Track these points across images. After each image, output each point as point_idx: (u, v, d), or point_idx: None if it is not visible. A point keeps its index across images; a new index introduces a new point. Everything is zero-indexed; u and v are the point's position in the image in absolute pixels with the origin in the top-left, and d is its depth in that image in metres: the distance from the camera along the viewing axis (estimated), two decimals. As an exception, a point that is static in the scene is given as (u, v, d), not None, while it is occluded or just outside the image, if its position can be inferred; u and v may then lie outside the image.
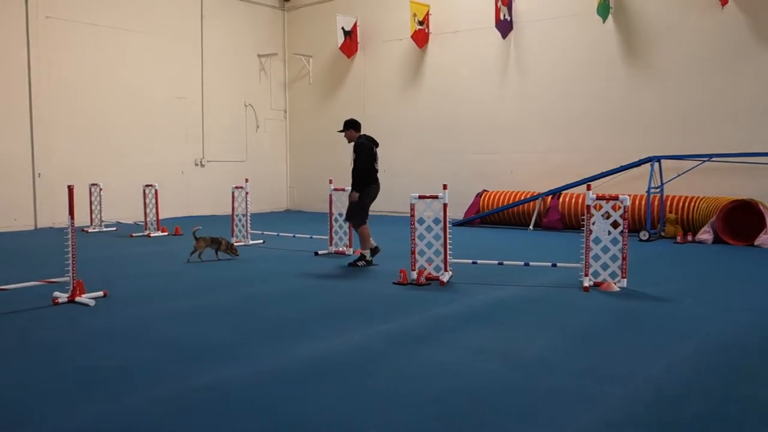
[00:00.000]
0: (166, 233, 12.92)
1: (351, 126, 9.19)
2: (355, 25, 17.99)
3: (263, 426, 3.53)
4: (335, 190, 10.32)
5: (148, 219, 12.93)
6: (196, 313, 6.23)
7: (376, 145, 9.15)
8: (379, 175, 9.17)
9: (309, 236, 11.40)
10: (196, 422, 3.57)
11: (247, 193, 11.28)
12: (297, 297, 7.02)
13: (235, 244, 10.05)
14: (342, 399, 3.93)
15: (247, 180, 11.54)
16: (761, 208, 11.10)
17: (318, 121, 19.28)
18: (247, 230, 11.29)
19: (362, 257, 9.03)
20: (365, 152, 8.92)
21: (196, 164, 17.57)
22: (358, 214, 9.05)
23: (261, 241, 11.49)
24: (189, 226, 14.26)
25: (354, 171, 8.97)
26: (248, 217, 11.31)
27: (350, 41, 17.98)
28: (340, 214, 10.01)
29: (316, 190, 18.45)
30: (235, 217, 11.45)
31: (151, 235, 12.69)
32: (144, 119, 16.21)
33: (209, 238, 9.54)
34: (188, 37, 17.22)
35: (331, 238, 10.25)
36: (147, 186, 13.02)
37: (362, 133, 9.23)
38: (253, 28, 18.85)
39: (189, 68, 17.28)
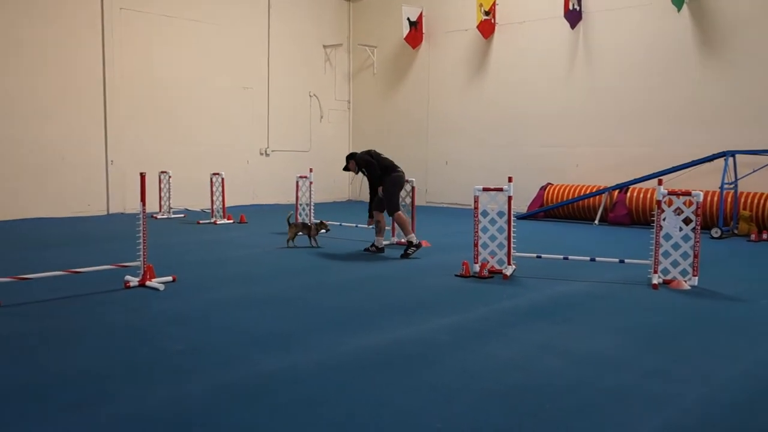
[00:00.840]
0: (231, 221, 13.17)
1: (349, 159, 9.67)
2: (420, 16, 17.91)
3: (325, 416, 3.56)
4: (398, 181, 10.28)
5: (214, 207, 13.21)
6: (260, 300, 6.33)
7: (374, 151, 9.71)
8: (441, 166, 9.30)
9: (371, 227, 11.41)
10: (261, 409, 3.63)
11: (311, 183, 11.39)
12: (359, 287, 7.05)
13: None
14: (405, 392, 3.92)
15: (311, 170, 11.65)
16: (844, 206, 10.58)
17: (381, 113, 19.30)
18: (310, 219, 11.39)
19: (410, 244, 9.11)
20: (365, 162, 9.38)
21: (261, 153, 17.85)
22: (388, 203, 9.27)
23: (324, 230, 11.56)
24: (253, 214, 14.54)
25: (375, 181, 9.39)
26: (311, 207, 11.42)
27: (415, 32, 17.92)
28: (403, 205, 10.02)
29: (378, 180, 18.47)
30: (298, 206, 11.58)
31: (218, 222, 12.96)
32: (211, 109, 16.56)
33: (300, 223, 9.89)
34: (255, 28, 17.47)
35: (394, 229, 10.25)
36: (214, 174, 13.30)
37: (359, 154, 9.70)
38: (318, 19, 18.99)
39: (255, 59, 17.54)
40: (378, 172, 9.32)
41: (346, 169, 9.75)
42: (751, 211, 11.93)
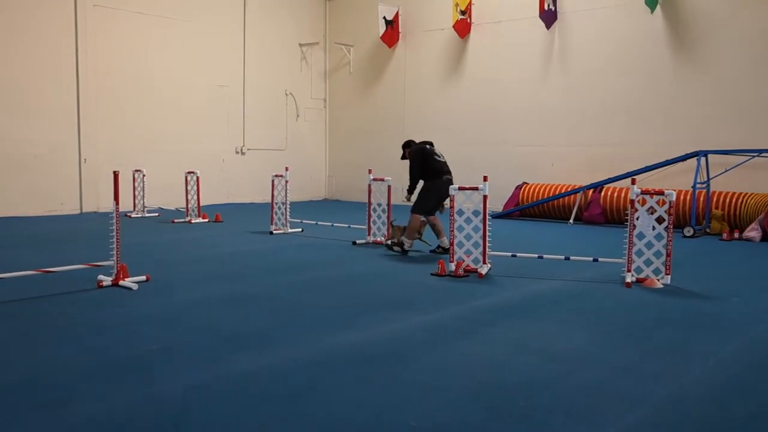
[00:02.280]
0: (206, 220, 13.08)
1: (404, 147, 9.63)
2: (396, 15, 17.92)
3: (301, 414, 3.55)
4: (374, 179, 10.30)
5: (189, 205, 13.10)
6: (235, 299, 6.29)
7: (430, 144, 9.41)
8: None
9: (347, 225, 11.42)
10: (234, 408, 3.60)
11: (287, 182, 11.34)
12: (335, 286, 7.03)
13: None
14: (381, 390, 3.92)
15: (287, 168, 11.60)
16: (812, 205, 10.78)
17: (358, 111, 19.29)
18: (286, 218, 11.35)
19: (402, 244, 9.12)
20: (412, 159, 9.28)
21: (237, 152, 17.73)
22: (418, 203, 9.16)
23: (300, 229, 11.56)
24: (229, 213, 14.44)
25: (411, 184, 9.34)
26: (287, 206, 11.37)
27: (392, 31, 17.92)
28: (379, 204, 10.06)
29: (355, 179, 18.49)
30: (274, 205, 11.52)
31: (192, 221, 12.85)
32: (186, 107, 16.41)
33: (402, 227, 9.57)
34: (231, 26, 17.35)
35: (370, 228, 10.25)
36: (189, 173, 13.19)
37: (417, 143, 9.54)
38: (295, 17, 18.91)
39: (231, 57, 17.42)
40: (415, 180, 9.21)
41: (403, 157, 9.59)
42: (723, 210, 12.11)
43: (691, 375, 4.25)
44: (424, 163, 9.18)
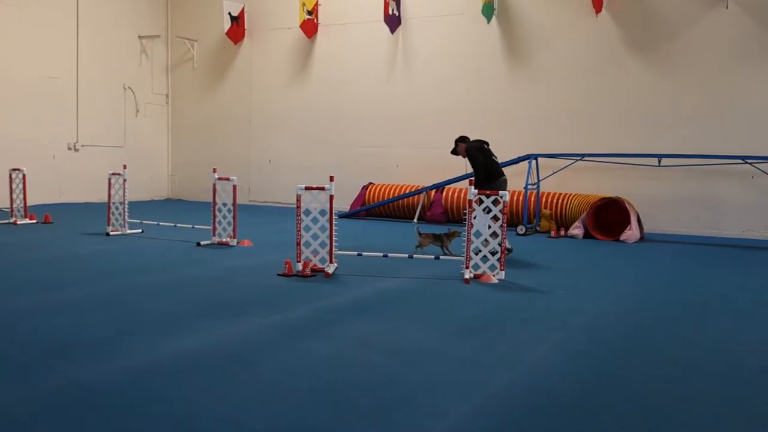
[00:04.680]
0: (34, 221, 12.15)
1: (459, 141, 9.70)
2: (242, 11, 17.61)
3: (142, 424, 3.40)
4: (219, 179, 10.06)
5: (14, 205, 12.11)
6: (68, 305, 5.90)
7: (486, 143, 9.56)
8: (264, 164, 9.13)
9: (191, 226, 11.07)
10: (66, 421, 3.39)
11: (124, 180, 10.80)
12: (177, 289, 6.80)
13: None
14: (225, 394, 3.84)
15: (125, 166, 11.04)
16: (627, 205, 11.85)
17: (202, 107, 18.74)
18: (124, 219, 10.81)
19: (509, 250, 8.95)
20: (473, 157, 9.31)
21: (69, 148, 16.62)
22: None
23: (140, 230, 11.04)
24: (60, 213, 13.50)
25: (476, 181, 9.18)
26: (125, 206, 10.83)
27: (237, 27, 17.59)
28: (224, 204, 9.83)
29: (199, 178, 17.93)
30: (111, 205, 10.93)
31: (18, 222, 11.90)
32: (12, 98, 15.15)
33: (432, 234, 9.04)
34: (62, 12, 16.21)
35: (215, 228, 10.00)
36: (13, 170, 12.18)
37: (471, 140, 9.70)
38: (133, 7, 18.03)
39: (62, 46, 16.29)
40: (481, 174, 9.05)
41: (454, 152, 9.52)
42: (551, 209, 13.03)
43: (523, 364, 4.54)
44: (486, 164, 9.23)
